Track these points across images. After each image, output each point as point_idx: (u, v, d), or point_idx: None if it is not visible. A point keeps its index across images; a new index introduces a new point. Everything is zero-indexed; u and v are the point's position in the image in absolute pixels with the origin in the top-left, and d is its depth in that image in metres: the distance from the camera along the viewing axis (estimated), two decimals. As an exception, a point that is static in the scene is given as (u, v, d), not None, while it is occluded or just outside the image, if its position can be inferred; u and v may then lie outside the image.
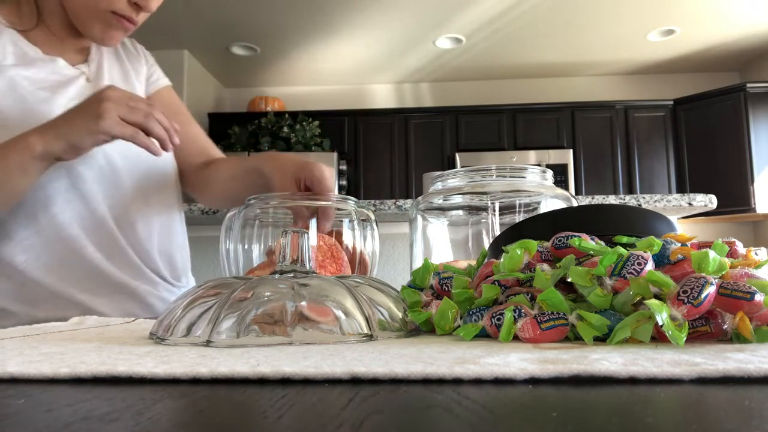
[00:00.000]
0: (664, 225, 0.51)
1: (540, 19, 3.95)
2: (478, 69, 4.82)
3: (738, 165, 4.15)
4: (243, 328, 0.40)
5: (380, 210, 1.61)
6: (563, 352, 0.34)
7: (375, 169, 4.60)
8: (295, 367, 0.29)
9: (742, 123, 4.15)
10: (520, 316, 0.41)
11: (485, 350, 0.36)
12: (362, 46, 4.35)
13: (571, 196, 0.71)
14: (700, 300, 0.35)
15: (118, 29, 0.87)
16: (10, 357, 0.34)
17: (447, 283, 0.50)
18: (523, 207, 0.74)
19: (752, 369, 0.27)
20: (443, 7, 3.75)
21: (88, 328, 0.56)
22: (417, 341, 0.42)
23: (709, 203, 1.64)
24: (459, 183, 0.72)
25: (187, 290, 0.48)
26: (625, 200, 1.65)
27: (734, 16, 3.90)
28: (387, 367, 0.29)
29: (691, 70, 4.86)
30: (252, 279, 0.46)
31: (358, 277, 0.50)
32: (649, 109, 4.52)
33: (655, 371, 0.27)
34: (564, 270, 0.42)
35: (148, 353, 0.36)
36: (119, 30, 0.87)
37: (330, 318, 0.42)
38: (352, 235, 0.74)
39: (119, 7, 0.84)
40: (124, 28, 0.87)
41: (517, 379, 0.27)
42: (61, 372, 0.29)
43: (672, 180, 4.44)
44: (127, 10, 0.85)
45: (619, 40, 4.28)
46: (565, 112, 4.57)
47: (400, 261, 1.82)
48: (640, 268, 0.39)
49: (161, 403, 0.24)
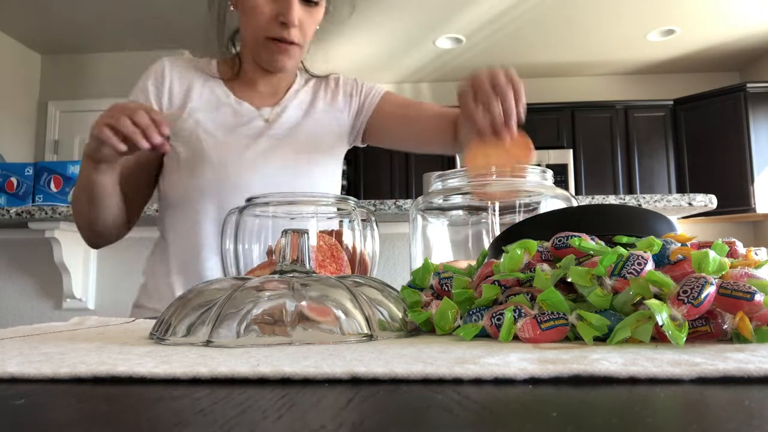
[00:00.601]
0: (664, 225, 0.51)
1: (540, 19, 3.95)
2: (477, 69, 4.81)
3: (738, 165, 4.15)
4: (243, 328, 0.40)
5: (380, 210, 1.61)
6: (563, 352, 0.34)
7: (375, 169, 4.60)
8: (295, 367, 0.29)
9: (742, 123, 4.15)
10: (520, 316, 0.41)
11: (485, 350, 0.36)
12: (362, 46, 4.35)
13: (571, 196, 0.71)
14: (700, 300, 0.35)
15: (279, 53, 0.96)
16: (10, 357, 0.34)
17: (447, 283, 0.50)
18: (523, 207, 0.74)
19: (752, 369, 0.27)
20: (443, 7, 3.75)
21: (88, 328, 0.56)
22: (417, 341, 0.41)
23: (709, 203, 1.64)
24: (459, 183, 0.72)
25: (188, 290, 0.48)
26: (625, 200, 1.65)
27: (734, 16, 3.89)
28: (387, 367, 0.29)
29: (691, 70, 4.86)
30: (252, 279, 0.46)
31: (358, 277, 0.50)
32: (649, 109, 4.51)
33: (655, 371, 0.27)
34: (564, 270, 0.42)
35: (148, 353, 0.36)
36: (281, 53, 0.96)
37: (330, 318, 0.42)
38: (352, 235, 0.74)
39: (271, 32, 0.94)
40: (284, 51, 0.96)
41: (517, 379, 0.27)
42: (61, 372, 0.29)
43: (672, 180, 4.44)
44: (277, 32, 0.93)
45: (619, 40, 4.28)
46: (565, 112, 4.56)
47: (400, 261, 1.82)
48: (640, 268, 0.39)
49: (161, 403, 0.24)
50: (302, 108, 1.06)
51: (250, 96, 1.04)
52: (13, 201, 1.94)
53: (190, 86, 1.01)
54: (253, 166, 0.97)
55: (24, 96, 4.55)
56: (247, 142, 0.98)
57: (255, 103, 1.03)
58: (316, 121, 1.05)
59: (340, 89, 1.10)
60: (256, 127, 1.01)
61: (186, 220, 0.98)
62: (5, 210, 1.65)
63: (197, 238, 0.97)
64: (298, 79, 1.10)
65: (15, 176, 1.95)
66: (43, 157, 4.53)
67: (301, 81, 1.11)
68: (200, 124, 0.98)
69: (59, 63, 4.68)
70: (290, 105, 1.05)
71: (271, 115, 1.03)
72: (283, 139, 1.01)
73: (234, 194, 0.95)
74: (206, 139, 0.97)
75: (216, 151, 0.97)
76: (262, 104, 1.04)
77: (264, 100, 1.05)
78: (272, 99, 1.06)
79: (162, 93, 1.00)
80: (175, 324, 0.43)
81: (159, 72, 1.02)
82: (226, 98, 1.02)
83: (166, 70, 1.02)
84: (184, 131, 0.98)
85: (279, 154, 0.99)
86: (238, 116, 1.01)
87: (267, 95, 1.05)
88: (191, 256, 0.97)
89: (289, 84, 1.09)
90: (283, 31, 0.93)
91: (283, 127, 1.02)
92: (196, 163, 0.96)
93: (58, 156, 4.53)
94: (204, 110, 1.00)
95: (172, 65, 1.03)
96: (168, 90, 1.01)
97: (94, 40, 4.41)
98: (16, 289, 1.91)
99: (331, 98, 1.09)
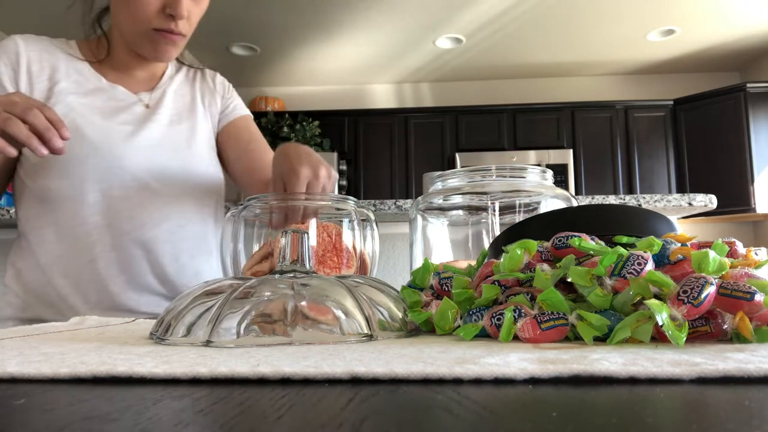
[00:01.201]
0: (664, 225, 0.51)
1: (540, 19, 3.95)
2: (478, 69, 4.81)
3: (738, 165, 4.15)
4: (243, 328, 0.40)
5: (380, 210, 1.61)
6: (563, 352, 0.34)
7: (375, 169, 4.60)
8: (295, 367, 0.29)
9: (742, 123, 4.15)
10: (520, 316, 0.41)
11: (485, 350, 0.36)
12: (362, 46, 4.35)
13: (571, 196, 0.71)
14: (700, 300, 0.35)
15: (166, 44, 0.92)
16: (10, 357, 0.34)
17: (447, 283, 0.50)
18: (523, 207, 0.74)
19: (752, 369, 0.27)
20: (443, 7, 3.75)
21: (88, 328, 0.56)
22: (417, 341, 0.41)
23: (709, 203, 1.64)
24: (459, 183, 0.72)
25: (187, 290, 0.48)
26: (625, 200, 1.65)
27: (734, 16, 3.89)
28: (387, 367, 0.29)
29: (691, 70, 4.85)
30: (252, 279, 0.46)
31: (358, 277, 0.50)
32: (649, 109, 4.51)
33: (655, 371, 0.27)
34: (564, 270, 0.42)
35: (148, 353, 0.36)
36: (167, 44, 0.92)
37: (330, 318, 0.42)
38: (352, 235, 0.74)
39: (157, 23, 0.89)
40: (171, 42, 0.92)
41: (517, 379, 0.27)
42: (61, 372, 0.29)
43: (672, 180, 4.44)
44: (165, 23, 0.89)
45: (619, 40, 4.28)
46: (565, 112, 4.56)
47: (400, 261, 1.82)
48: (640, 268, 0.39)
49: (161, 403, 0.24)
50: (182, 97, 1.04)
51: (124, 80, 0.99)
52: (13, 201, 1.94)
53: (54, 67, 0.93)
54: (140, 152, 0.93)
55: (24, 96, 4.54)
56: (131, 129, 0.94)
57: (131, 87, 0.99)
58: (198, 115, 1.04)
59: (217, 88, 1.10)
60: (137, 113, 0.96)
61: (65, 213, 0.90)
62: (5, 210, 1.65)
63: (82, 232, 0.90)
64: (171, 64, 1.07)
65: (15, 176, 1.95)
66: (43, 157, 4.53)
67: (174, 66, 1.08)
68: (74, 108, 0.91)
69: (59, 63, 4.68)
70: (168, 90, 1.03)
71: (150, 101, 0.99)
72: (167, 126, 0.98)
73: (123, 181, 0.91)
74: (84, 124, 0.90)
75: (99, 137, 0.90)
76: (139, 89, 1.00)
77: (140, 85, 1.00)
78: (148, 84, 1.02)
79: (19, 74, 0.91)
80: (175, 324, 0.43)
81: (12, 50, 0.92)
82: (98, 82, 0.96)
83: (21, 48, 0.92)
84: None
85: (166, 142, 0.97)
86: (115, 101, 0.95)
87: (143, 80, 1.01)
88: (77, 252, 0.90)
89: (164, 68, 1.06)
90: (170, 23, 0.89)
91: (166, 114, 0.99)
92: (77, 150, 0.88)
93: (58, 156, 4.53)
94: (75, 93, 0.92)
95: (27, 43, 0.93)
96: (26, 71, 0.91)
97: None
98: (16, 289, 1.90)
99: (209, 95, 1.08)
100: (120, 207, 0.91)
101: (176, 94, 1.03)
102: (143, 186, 0.92)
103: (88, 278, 0.90)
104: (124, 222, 0.91)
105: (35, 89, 0.91)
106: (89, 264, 0.90)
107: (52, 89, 0.91)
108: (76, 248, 0.90)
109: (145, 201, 0.93)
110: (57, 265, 0.90)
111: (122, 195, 0.91)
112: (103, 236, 0.90)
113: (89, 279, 0.90)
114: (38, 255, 0.91)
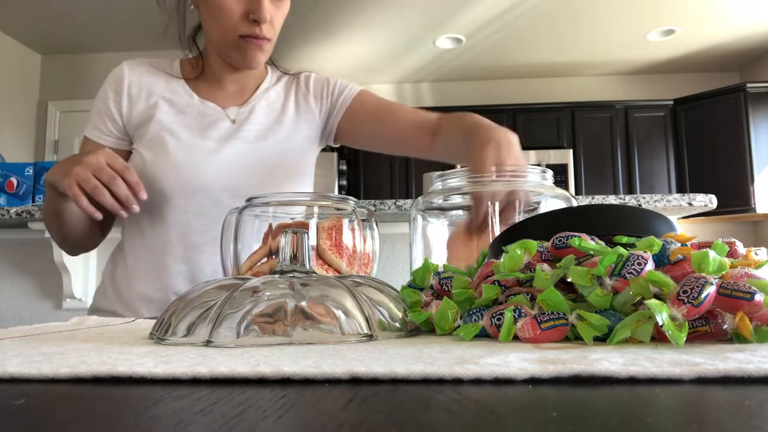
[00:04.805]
0: (664, 225, 0.51)
1: (540, 19, 3.95)
2: (478, 69, 4.81)
3: (738, 165, 4.15)
4: (243, 328, 0.40)
5: (380, 210, 1.61)
6: (563, 352, 0.34)
7: (375, 169, 4.60)
8: (295, 367, 0.29)
9: (742, 123, 4.15)
10: (520, 316, 0.41)
11: (485, 350, 0.36)
12: (362, 46, 4.35)
13: (571, 196, 0.71)
14: (700, 300, 0.35)
15: (253, 50, 0.95)
16: (10, 357, 0.34)
17: (447, 283, 0.50)
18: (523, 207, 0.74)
19: (752, 369, 0.27)
20: (443, 7, 3.75)
21: (88, 328, 0.56)
22: (417, 341, 0.41)
23: (709, 203, 1.64)
24: (459, 183, 0.72)
25: (187, 290, 0.48)
26: (625, 200, 1.65)
27: (734, 16, 3.90)
28: (387, 367, 0.29)
29: (691, 70, 4.86)
30: (252, 279, 0.46)
31: (358, 277, 0.50)
32: (649, 109, 4.52)
33: (655, 371, 0.27)
34: (564, 270, 0.42)
35: (148, 353, 0.36)
36: (255, 50, 0.95)
37: (330, 318, 0.42)
38: (352, 235, 0.74)
39: (243, 30, 0.92)
40: (258, 47, 0.95)
41: (517, 379, 0.27)
42: (61, 372, 0.29)
43: (672, 180, 4.44)
44: (250, 29, 0.92)
45: (619, 40, 4.28)
46: (565, 112, 4.57)
47: (400, 261, 1.82)
48: (640, 268, 0.39)
49: (161, 403, 0.24)
50: (272, 110, 1.04)
51: (216, 95, 1.02)
52: (13, 201, 1.94)
53: (151, 89, 1.00)
54: (219, 171, 0.96)
55: (24, 96, 4.55)
56: (214, 146, 0.97)
57: (221, 102, 1.01)
58: (287, 127, 1.03)
59: (311, 90, 1.08)
60: (222, 128, 0.98)
61: (149, 224, 0.97)
62: (5, 210, 1.65)
63: (160, 243, 0.96)
64: (269, 77, 1.08)
65: (15, 176, 1.96)
66: (43, 157, 4.54)
67: (272, 79, 1.08)
68: (165, 126, 0.97)
69: (59, 63, 4.68)
70: (258, 105, 1.03)
71: (238, 116, 1.01)
72: (252, 143, 0.99)
73: (199, 198, 0.94)
74: (171, 141, 0.95)
75: (182, 155, 0.95)
76: (229, 104, 1.02)
77: (231, 100, 1.02)
78: (240, 98, 1.03)
79: (121, 99, 0.99)
80: (175, 324, 0.43)
81: (118, 76, 1.00)
82: (190, 98, 1.00)
83: (125, 74, 1.00)
84: (149, 134, 0.97)
85: (247, 160, 0.97)
86: (202, 117, 0.99)
87: (234, 94, 1.03)
88: (153, 261, 0.96)
89: (258, 82, 1.06)
90: (254, 28, 0.92)
91: (252, 130, 1.00)
92: (161, 166, 0.95)
93: (58, 156, 4.54)
94: (168, 112, 0.98)
95: (132, 68, 1.01)
96: (127, 94, 0.99)
97: (94, 40, 4.41)
98: (16, 289, 1.91)
99: (302, 100, 1.07)
100: (193, 222, 0.95)
101: (268, 109, 1.04)
102: (217, 203, 0.94)
103: (157, 286, 0.96)
104: (195, 236, 0.95)
105: (134, 110, 0.99)
106: (160, 273, 0.96)
107: (148, 110, 0.99)
108: (153, 257, 0.96)
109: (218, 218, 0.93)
110: (139, 270, 0.97)
111: (197, 212, 0.95)
112: (176, 249, 0.95)
113: (157, 287, 0.95)
114: (128, 258, 1.00)
